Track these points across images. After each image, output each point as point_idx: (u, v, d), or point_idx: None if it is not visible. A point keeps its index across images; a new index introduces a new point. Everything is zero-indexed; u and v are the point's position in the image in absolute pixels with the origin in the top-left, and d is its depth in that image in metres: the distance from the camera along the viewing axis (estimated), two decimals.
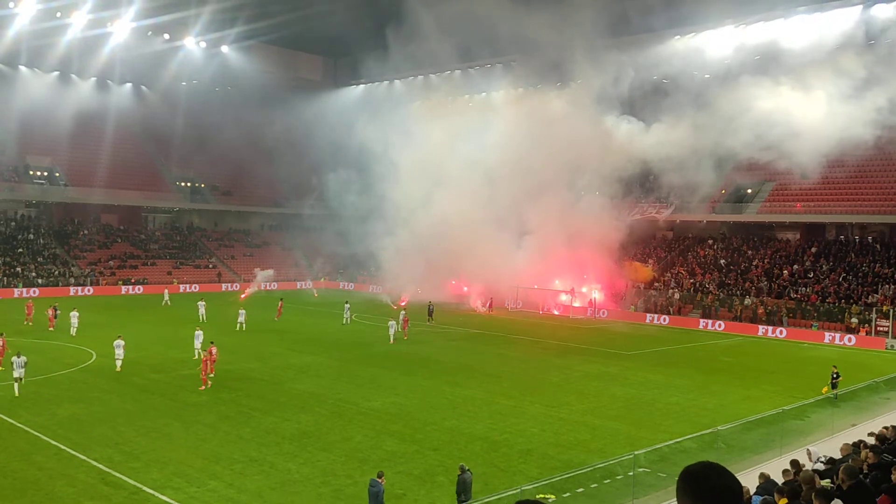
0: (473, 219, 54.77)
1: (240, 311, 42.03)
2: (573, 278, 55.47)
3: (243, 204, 78.85)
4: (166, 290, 56.31)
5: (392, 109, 66.53)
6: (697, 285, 54.49)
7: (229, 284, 67.71)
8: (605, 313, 53.42)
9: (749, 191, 59.60)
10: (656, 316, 51.72)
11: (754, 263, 55.10)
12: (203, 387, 25.98)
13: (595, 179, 55.70)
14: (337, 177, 63.09)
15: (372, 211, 60.09)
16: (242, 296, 57.16)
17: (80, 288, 59.74)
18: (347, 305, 46.30)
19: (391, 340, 37.59)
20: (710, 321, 49.14)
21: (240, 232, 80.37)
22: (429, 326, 45.26)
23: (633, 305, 53.97)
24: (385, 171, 59.64)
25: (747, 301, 50.14)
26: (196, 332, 31.97)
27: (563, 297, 55.21)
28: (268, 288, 64.74)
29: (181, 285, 62.97)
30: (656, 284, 56.25)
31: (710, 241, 60.25)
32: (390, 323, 38.32)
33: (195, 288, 63.80)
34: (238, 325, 41.02)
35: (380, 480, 14.90)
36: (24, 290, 56.55)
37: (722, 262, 56.85)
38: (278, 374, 29.55)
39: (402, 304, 52.03)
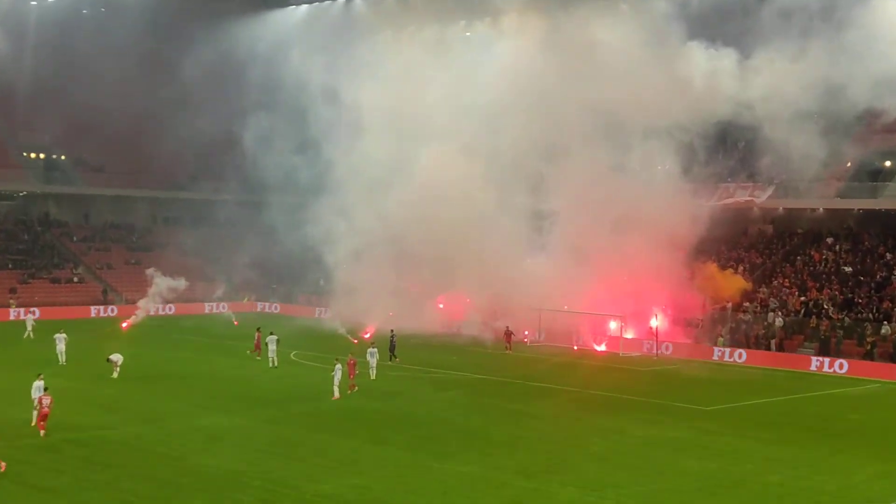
0: (470, 199, 55.30)
1: (111, 356, 41.39)
2: (623, 296, 55.42)
3: (125, 185, 78.73)
4: (30, 317, 56.25)
5: (348, 41, 66.48)
6: (811, 305, 54.61)
7: (102, 308, 67.71)
8: (671, 348, 53.50)
9: (888, 164, 59.78)
10: (748, 352, 51.80)
11: None
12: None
13: (657, 142, 55.79)
14: (267, 142, 63.09)
15: (317, 192, 60.16)
16: (125, 324, 56.85)
17: None
18: (274, 338, 46.19)
19: (335, 395, 37.43)
20: (828, 360, 49.20)
21: (119, 228, 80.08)
22: (395, 366, 45.67)
23: (720, 337, 53.91)
24: (337, 132, 59.89)
25: (885, 329, 50.27)
26: (35, 384, 31.24)
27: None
28: (164, 312, 64.42)
29: (40, 308, 62.71)
30: (748, 305, 56.32)
31: (830, 240, 60.40)
32: (336, 368, 37.99)
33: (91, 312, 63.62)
34: (114, 371, 40.76)
35: None
36: None
37: (847, 269, 57.01)
38: (179, 442, 29.46)
39: (367, 336, 51.93)
